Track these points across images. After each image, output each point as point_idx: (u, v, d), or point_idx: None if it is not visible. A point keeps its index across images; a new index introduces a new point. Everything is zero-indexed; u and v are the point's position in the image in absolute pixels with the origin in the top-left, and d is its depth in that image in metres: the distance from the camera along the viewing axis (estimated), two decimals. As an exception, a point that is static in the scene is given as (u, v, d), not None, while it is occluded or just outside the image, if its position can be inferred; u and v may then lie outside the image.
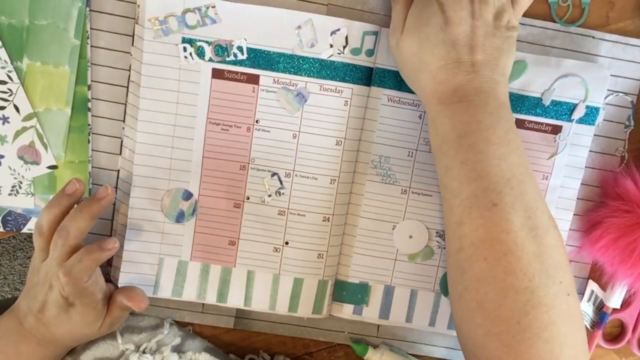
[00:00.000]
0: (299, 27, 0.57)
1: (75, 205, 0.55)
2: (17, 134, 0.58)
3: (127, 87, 0.59)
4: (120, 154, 0.60)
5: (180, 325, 0.64)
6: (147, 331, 0.61)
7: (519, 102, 0.60)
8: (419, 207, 0.61)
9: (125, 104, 0.59)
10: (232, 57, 0.57)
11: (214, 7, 0.56)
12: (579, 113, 0.60)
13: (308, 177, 0.59)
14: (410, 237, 0.62)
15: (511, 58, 0.53)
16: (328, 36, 0.57)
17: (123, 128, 0.60)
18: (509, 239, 0.48)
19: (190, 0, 0.56)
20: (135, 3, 0.57)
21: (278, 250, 0.61)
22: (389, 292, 0.63)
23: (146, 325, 0.61)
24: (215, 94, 0.58)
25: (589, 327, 0.65)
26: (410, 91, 0.59)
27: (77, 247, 0.54)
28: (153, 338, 0.60)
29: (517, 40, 0.59)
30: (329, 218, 0.60)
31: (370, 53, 0.57)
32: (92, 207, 0.54)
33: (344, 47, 0.57)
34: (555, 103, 0.60)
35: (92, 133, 0.60)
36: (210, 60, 0.57)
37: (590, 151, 0.62)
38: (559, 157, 0.61)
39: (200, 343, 0.63)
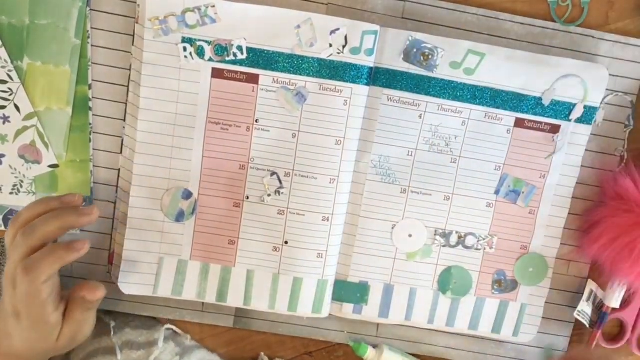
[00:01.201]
0: (299, 26, 0.57)
1: (56, 210, 0.52)
2: (18, 133, 0.58)
3: (128, 86, 0.59)
4: (121, 153, 0.60)
5: (179, 326, 0.64)
6: (145, 347, 0.60)
7: (519, 101, 0.60)
8: (418, 206, 0.61)
9: (126, 103, 0.59)
10: (231, 57, 0.57)
11: (213, 6, 0.56)
12: (577, 113, 0.60)
13: (307, 177, 0.60)
14: (410, 236, 0.62)
15: None
16: (327, 36, 0.57)
17: (124, 127, 0.60)
18: None
19: (190, 0, 0.56)
20: (136, 3, 0.57)
21: (277, 249, 0.61)
22: (388, 290, 0.63)
23: (144, 341, 0.61)
24: (215, 93, 0.58)
25: (588, 326, 0.65)
26: (410, 91, 0.59)
27: (39, 249, 0.50)
28: (151, 355, 0.60)
29: (516, 40, 0.60)
30: (328, 217, 0.60)
31: (369, 52, 0.58)
32: (70, 218, 0.51)
33: (344, 47, 0.57)
34: (554, 103, 0.60)
35: (93, 132, 0.60)
36: (210, 59, 0.57)
37: (589, 151, 0.62)
38: (557, 156, 0.61)
39: (198, 357, 0.63)
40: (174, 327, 0.63)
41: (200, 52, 0.57)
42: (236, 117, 0.58)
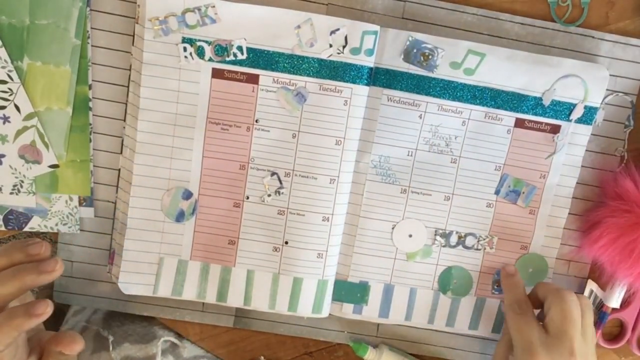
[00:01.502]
0: (299, 26, 0.57)
1: (14, 267, 0.48)
2: (18, 133, 0.58)
3: (128, 86, 0.59)
4: (121, 153, 0.60)
5: (179, 326, 0.64)
6: None
7: (519, 101, 0.60)
8: (418, 206, 0.61)
9: (126, 104, 0.59)
10: (231, 57, 0.57)
11: (213, 6, 0.56)
12: (577, 113, 0.60)
13: (308, 177, 0.60)
14: (410, 236, 0.62)
15: None
16: (327, 36, 0.57)
17: (124, 127, 0.60)
18: None
19: (190, 0, 0.56)
20: (136, 3, 0.57)
21: (278, 249, 0.61)
22: (388, 291, 0.63)
23: (143, 355, 0.61)
24: (215, 93, 0.58)
25: (588, 327, 0.65)
26: (410, 91, 0.59)
27: None
28: None
29: (516, 40, 0.60)
30: (328, 218, 0.60)
31: (369, 53, 0.58)
32: (28, 277, 0.47)
33: (344, 47, 0.57)
34: (554, 103, 0.60)
35: (93, 132, 0.60)
36: (210, 60, 0.57)
37: (590, 151, 0.62)
38: (557, 156, 0.61)
39: None
40: (171, 339, 0.63)
41: (200, 52, 0.57)
42: (236, 117, 0.59)
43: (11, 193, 0.60)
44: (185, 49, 0.57)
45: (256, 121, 0.59)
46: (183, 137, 0.59)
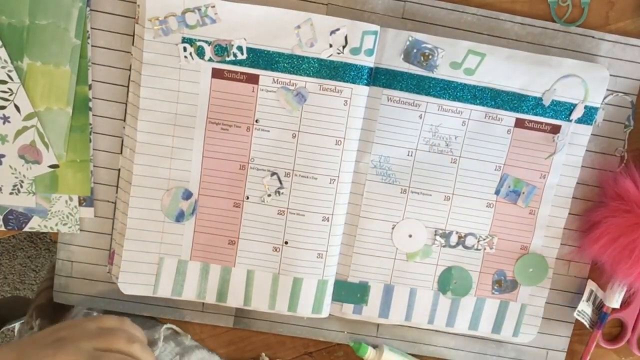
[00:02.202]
0: (299, 26, 0.57)
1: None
2: (18, 133, 0.58)
3: (128, 86, 0.59)
4: (121, 153, 0.60)
5: (179, 325, 0.64)
6: None
7: (519, 101, 0.60)
8: (418, 206, 0.61)
9: (126, 104, 0.59)
10: (231, 57, 0.57)
11: (213, 7, 0.56)
12: (577, 113, 0.60)
13: (307, 177, 0.60)
14: (410, 236, 0.62)
15: None
16: (327, 36, 0.57)
17: (124, 127, 0.60)
18: None
19: (190, 0, 0.56)
20: (135, 3, 0.57)
21: (277, 249, 0.61)
22: (388, 291, 0.63)
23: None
24: (215, 93, 0.58)
25: (588, 327, 0.65)
26: (410, 91, 0.59)
27: None
28: None
29: (516, 40, 0.60)
30: (328, 218, 0.60)
31: (369, 53, 0.58)
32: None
33: (344, 47, 0.57)
34: (555, 103, 0.60)
35: (93, 132, 0.60)
36: (210, 60, 0.57)
37: (590, 151, 0.62)
38: (557, 156, 0.61)
39: (198, 357, 0.63)
40: (174, 327, 0.63)
41: (200, 52, 0.57)
42: (236, 117, 0.59)
43: (11, 193, 0.60)
44: (185, 49, 0.57)
45: (256, 121, 0.59)
46: (183, 137, 0.59)
